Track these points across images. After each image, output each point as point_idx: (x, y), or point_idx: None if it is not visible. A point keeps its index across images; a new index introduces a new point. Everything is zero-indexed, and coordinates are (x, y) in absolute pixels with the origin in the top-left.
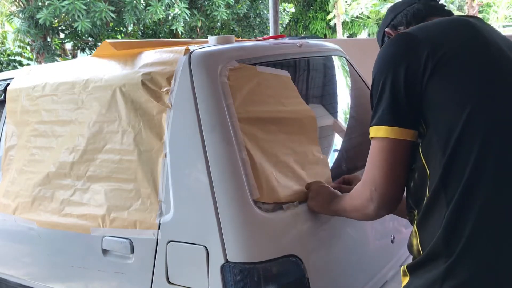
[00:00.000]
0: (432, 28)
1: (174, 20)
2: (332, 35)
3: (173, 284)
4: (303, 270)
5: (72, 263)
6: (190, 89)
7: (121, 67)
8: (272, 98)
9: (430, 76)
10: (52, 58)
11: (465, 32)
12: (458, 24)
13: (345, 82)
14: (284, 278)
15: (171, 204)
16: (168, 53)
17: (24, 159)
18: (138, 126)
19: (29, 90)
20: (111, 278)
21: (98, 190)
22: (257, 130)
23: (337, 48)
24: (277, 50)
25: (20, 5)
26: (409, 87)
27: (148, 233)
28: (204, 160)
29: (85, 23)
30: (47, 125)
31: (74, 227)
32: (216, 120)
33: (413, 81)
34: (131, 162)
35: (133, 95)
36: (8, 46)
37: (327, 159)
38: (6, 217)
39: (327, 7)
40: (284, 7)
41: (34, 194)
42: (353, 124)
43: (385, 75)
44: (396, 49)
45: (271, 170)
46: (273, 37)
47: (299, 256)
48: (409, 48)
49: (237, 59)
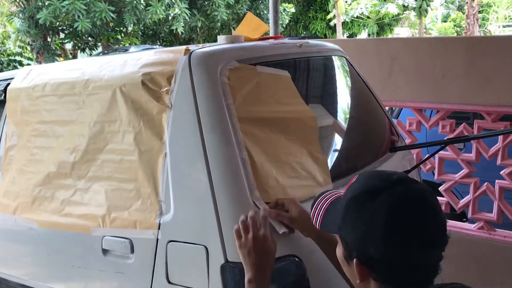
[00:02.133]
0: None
1: (174, 20)
2: (332, 35)
3: (173, 284)
4: (303, 270)
5: (72, 263)
6: (190, 89)
7: (121, 67)
8: (272, 98)
9: None
10: (52, 58)
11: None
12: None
13: (345, 82)
14: (284, 278)
15: (171, 204)
16: (168, 53)
17: (24, 159)
18: (138, 126)
19: (29, 90)
20: (111, 278)
21: (99, 190)
22: (257, 130)
23: (337, 48)
24: (277, 50)
25: (20, 5)
26: None
27: (148, 233)
28: (204, 160)
29: (85, 23)
30: (47, 125)
31: (74, 227)
32: (216, 120)
33: None
34: (132, 162)
35: (133, 95)
36: (8, 46)
37: (327, 159)
38: (6, 217)
39: (327, 7)
40: (284, 7)
41: (35, 194)
42: (353, 124)
43: None
44: None
45: (271, 170)
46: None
47: (299, 256)
48: None
49: (237, 59)
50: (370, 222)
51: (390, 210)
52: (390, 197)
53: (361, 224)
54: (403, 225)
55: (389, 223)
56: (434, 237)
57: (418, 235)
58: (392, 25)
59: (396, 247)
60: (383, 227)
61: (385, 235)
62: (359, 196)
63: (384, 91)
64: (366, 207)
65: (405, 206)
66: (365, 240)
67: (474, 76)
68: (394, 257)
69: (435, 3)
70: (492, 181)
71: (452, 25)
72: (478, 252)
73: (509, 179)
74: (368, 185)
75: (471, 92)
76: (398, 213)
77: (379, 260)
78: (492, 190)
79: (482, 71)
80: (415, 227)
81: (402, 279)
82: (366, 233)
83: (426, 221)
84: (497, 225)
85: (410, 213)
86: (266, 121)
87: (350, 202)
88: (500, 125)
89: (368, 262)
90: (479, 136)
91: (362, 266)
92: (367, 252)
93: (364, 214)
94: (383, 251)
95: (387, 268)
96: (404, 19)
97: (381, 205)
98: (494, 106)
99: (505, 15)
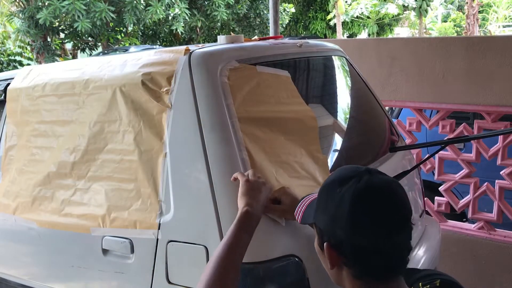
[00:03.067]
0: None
1: (174, 20)
2: (332, 35)
3: (173, 284)
4: (303, 270)
5: (72, 263)
6: (190, 89)
7: (121, 67)
8: (272, 98)
9: None
10: (52, 58)
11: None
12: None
13: (345, 82)
14: (284, 278)
15: (171, 204)
16: (168, 53)
17: (24, 159)
18: (138, 126)
19: (29, 90)
20: (111, 278)
21: (99, 190)
22: (257, 130)
23: (337, 48)
24: (277, 50)
25: (20, 5)
26: None
27: (148, 233)
28: (204, 160)
29: (85, 23)
30: (47, 125)
31: (74, 227)
32: (216, 120)
33: None
34: (132, 162)
35: (133, 95)
36: (8, 46)
37: (327, 159)
38: (6, 217)
39: (327, 7)
40: (284, 7)
41: (34, 194)
42: (353, 124)
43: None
44: None
45: (271, 170)
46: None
47: (299, 256)
48: None
49: (237, 59)
50: (338, 205)
51: (356, 193)
52: (356, 183)
53: (330, 207)
54: (367, 208)
55: (354, 205)
56: (398, 222)
57: (380, 218)
58: (392, 25)
59: (360, 229)
60: (348, 208)
61: (350, 218)
62: (330, 183)
63: (384, 91)
64: (335, 192)
65: (370, 191)
66: (334, 222)
67: (474, 76)
68: (358, 238)
69: (435, 3)
70: (492, 181)
71: (452, 25)
72: (478, 252)
73: (509, 179)
74: (339, 175)
75: (471, 92)
76: (363, 197)
77: (346, 242)
78: (492, 190)
79: (482, 71)
80: (377, 210)
81: (368, 263)
82: (334, 215)
83: (389, 207)
84: (497, 225)
85: (374, 197)
86: (266, 121)
87: (323, 190)
88: (500, 125)
89: (337, 245)
90: (479, 136)
91: (331, 249)
92: (335, 234)
93: (333, 198)
94: (348, 232)
95: (353, 250)
96: (404, 19)
97: (348, 190)
98: (494, 106)
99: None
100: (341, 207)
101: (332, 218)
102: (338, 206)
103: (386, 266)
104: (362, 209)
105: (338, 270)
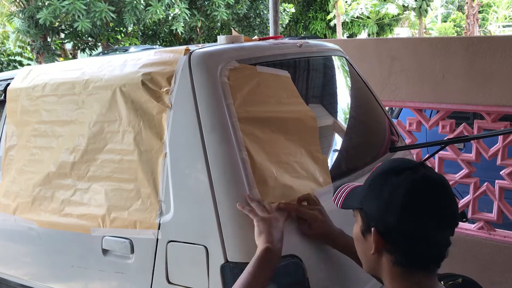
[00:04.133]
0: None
1: (174, 20)
2: (332, 35)
3: (173, 284)
4: (303, 270)
5: (72, 263)
6: (190, 89)
7: (121, 67)
8: (272, 98)
9: None
10: (52, 58)
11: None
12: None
13: (345, 82)
14: (284, 278)
15: (171, 204)
16: (168, 53)
17: (24, 159)
18: (138, 126)
19: (29, 90)
20: (111, 278)
21: (99, 190)
22: (257, 130)
23: (337, 48)
24: (277, 50)
25: (20, 5)
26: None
27: (148, 233)
28: (204, 160)
29: (85, 23)
30: (47, 125)
31: (74, 227)
32: (216, 120)
33: None
34: (131, 162)
35: (133, 95)
36: (8, 46)
37: (327, 159)
38: (6, 217)
39: (327, 7)
40: (284, 7)
41: (34, 194)
42: (353, 124)
43: None
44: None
45: (271, 170)
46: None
47: (299, 256)
48: None
49: (237, 59)
50: (393, 192)
51: (413, 183)
52: (413, 174)
53: (384, 194)
54: (422, 198)
55: (410, 194)
56: (448, 216)
57: (433, 210)
58: (392, 25)
59: (411, 217)
60: (404, 197)
61: (404, 205)
62: (384, 172)
63: (384, 91)
64: (391, 180)
65: (426, 183)
66: (387, 208)
67: (474, 76)
68: (409, 226)
69: (435, 3)
70: (492, 181)
71: (452, 25)
72: (478, 252)
73: (509, 179)
74: (393, 165)
75: (471, 92)
76: (419, 187)
77: (396, 229)
78: (492, 190)
79: (482, 71)
80: (432, 202)
81: (413, 251)
82: (387, 202)
83: (442, 200)
84: (497, 225)
85: (430, 189)
86: (266, 121)
87: (375, 178)
88: (500, 125)
89: (384, 231)
90: (479, 136)
91: (378, 235)
92: (385, 220)
93: (388, 186)
94: (401, 219)
95: (401, 237)
96: (404, 19)
97: (405, 179)
98: (494, 106)
99: (505, 15)
100: (396, 194)
101: (386, 204)
102: (393, 193)
103: (429, 256)
104: (418, 198)
105: (378, 256)
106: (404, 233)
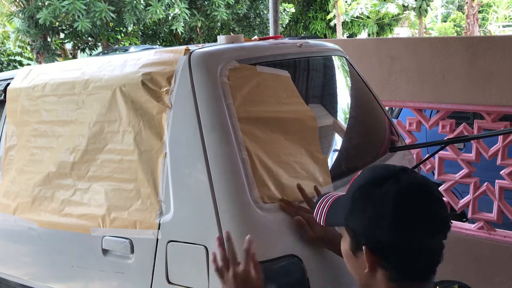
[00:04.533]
0: None
1: (174, 20)
2: (332, 35)
3: (173, 284)
4: (303, 270)
5: (72, 263)
6: (190, 89)
7: (121, 67)
8: (272, 98)
9: None
10: (52, 58)
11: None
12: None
13: (345, 82)
14: (284, 278)
15: (171, 204)
16: (168, 53)
17: (24, 159)
18: (138, 126)
19: (29, 90)
20: (111, 278)
21: (98, 190)
22: (257, 130)
23: (337, 48)
24: (277, 50)
25: (20, 5)
26: None
27: (148, 233)
28: (204, 160)
29: (85, 23)
30: (47, 125)
31: (74, 227)
32: (216, 120)
33: None
34: (131, 162)
35: (133, 95)
36: (8, 46)
37: (327, 159)
38: (6, 217)
39: (327, 7)
40: (284, 7)
41: (34, 194)
42: (353, 124)
43: None
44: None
45: (271, 170)
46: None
47: (299, 256)
48: None
49: (237, 59)
50: (380, 207)
51: (398, 194)
52: (396, 183)
53: (370, 210)
54: (411, 208)
55: (397, 206)
56: (438, 222)
57: (424, 218)
58: (392, 25)
59: (403, 230)
60: (391, 210)
61: (394, 219)
62: (366, 185)
63: (384, 91)
64: (375, 193)
65: (412, 191)
66: (374, 225)
67: (474, 76)
68: (401, 240)
69: (435, 3)
70: (492, 181)
71: (452, 25)
72: (478, 252)
73: (509, 179)
74: (374, 175)
75: (471, 92)
76: (406, 197)
77: (387, 245)
78: (492, 190)
79: (482, 71)
80: (421, 210)
81: (408, 264)
82: (375, 218)
83: (431, 206)
84: (497, 225)
85: (417, 197)
86: (266, 121)
87: (357, 191)
88: (500, 125)
89: (376, 248)
90: (479, 136)
91: (371, 253)
92: (376, 237)
93: (373, 200)
94: (391, 234)
95: (394, 252)
96: (404, 19)
97: (388, 190)
98: (494, 106)
99: (505, 15)
100: (383, 208)
101: (373, 220)
102: (380, 208)
103: (425, 266)
104: (406, 209)
105: (371, 273)
106: (397, 247)
